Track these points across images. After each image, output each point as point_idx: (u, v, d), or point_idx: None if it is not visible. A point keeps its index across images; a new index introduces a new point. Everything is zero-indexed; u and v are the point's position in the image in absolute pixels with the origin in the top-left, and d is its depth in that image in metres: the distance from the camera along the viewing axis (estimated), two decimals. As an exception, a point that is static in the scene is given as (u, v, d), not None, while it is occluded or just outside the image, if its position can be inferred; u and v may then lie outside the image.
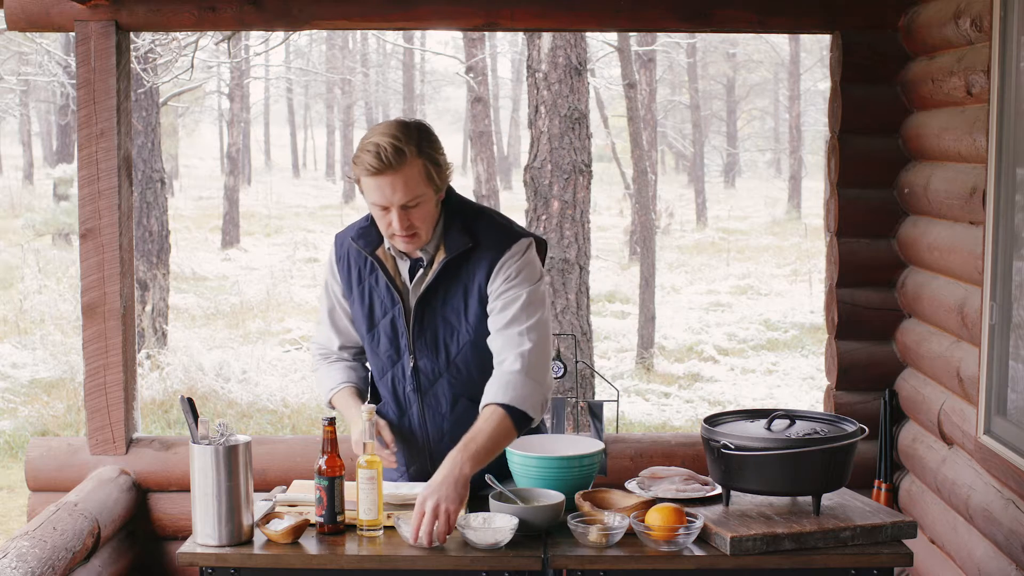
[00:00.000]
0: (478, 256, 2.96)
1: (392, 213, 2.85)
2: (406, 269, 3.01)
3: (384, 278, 3.01)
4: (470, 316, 2.97)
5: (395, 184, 2.82)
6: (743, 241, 22.61)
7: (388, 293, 3.02)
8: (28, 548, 3.16)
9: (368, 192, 2.87)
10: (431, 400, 3.06)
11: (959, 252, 3.62)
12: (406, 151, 2.81)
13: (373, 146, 2.81)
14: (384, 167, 2.80)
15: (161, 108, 11.94)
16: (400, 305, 3.00)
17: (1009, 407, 3.33)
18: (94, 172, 3.97)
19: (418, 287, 2.99)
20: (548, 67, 8.04)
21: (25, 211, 22.21)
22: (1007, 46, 3.25)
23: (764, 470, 2.80)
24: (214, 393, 9.82)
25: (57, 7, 3.96)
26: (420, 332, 3.00)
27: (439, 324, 2.99)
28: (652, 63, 19.32)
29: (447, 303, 2.98)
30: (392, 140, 2.81)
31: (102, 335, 3.99)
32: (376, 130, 2.87)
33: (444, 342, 3.00)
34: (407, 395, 3.07)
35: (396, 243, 2.94)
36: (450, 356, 3.01)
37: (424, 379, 3.04)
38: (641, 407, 10.00)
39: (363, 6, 4.09)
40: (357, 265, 3.07)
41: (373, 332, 3.07)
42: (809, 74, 31.25)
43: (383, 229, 2.92)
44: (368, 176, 2.83)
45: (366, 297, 3.05)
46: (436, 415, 3.07)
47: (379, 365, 3.11)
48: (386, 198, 2.84)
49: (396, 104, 36.58)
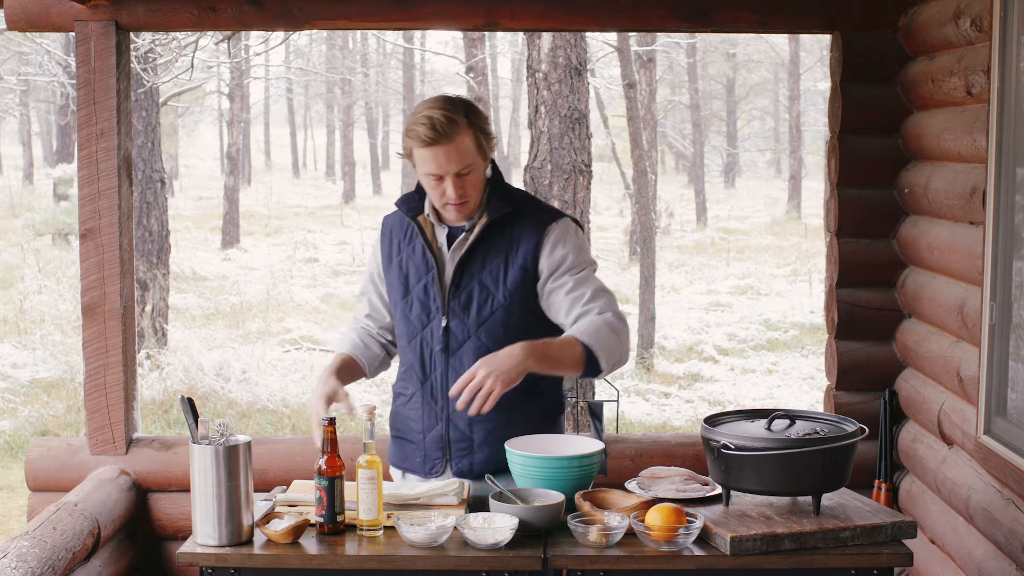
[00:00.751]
0: (521, 226, 3.08)
1: (447, 182, 2.97)
2: (443, 235, 3.12)
3: (421, 245, 3.12)
4: (508, 282, 3.06)
5: (449, 153, 2.94)
6: (743, 241, 22.61)
7: (423, 258, 3.12)
8: (28, 548, 3.16)
9: (422, 163, 2.98)
10: (456, 363, 3.10)
11: (959, 252, 3.62)
12: (458, 121, 2.94)
13: (426, 119, 2.93)
14: (439, 137, 2.92)
15: (161, 108, 11.94)
16: (435, 269, 3.10)
17: (1009, 407, 3.33)
18: (94, 172, 3.97)
19: (458, 250, 3.09)
20: (548, 67, 8.04)
21: (25, 211, 22.23)
22: (1007, 46, 3.26)
23: (764, 470, 2.80)
24: (214, 393, 9.82)
25: (57, 7, 3.96)
26: (455, 293, 3.09)
27: (475, 287, 3.07)
28: (652, 63, 19.33)
29: (485, 267, 3.07)
30: (443, 112, 2.94)
31: (102, 335, 3.99)
32: (425, 104, 3.00)
33: (478, 304, 3.07)
34: (434, 356, 3.12)
35: (448, 212, 3.06)
36: (482, 318, 3.08)
37: (453, 340, 3.10)
38: (641, 407, 10.00)
39: (363, 6, 4.09)
40: (396, 238, 3.20)
41: (407, 298, 3.15)
42: (809, 74, 31.26)
43: (436, 199, 3.04)
44: (423, 147, 2.94)
45: (403, 265, 3.16)
46: (458, 377, 3.06)
47: (409, 330, 3.16)
48: (441, 167, 2.95)
49: (396, 104, 36.60)
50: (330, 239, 22.34)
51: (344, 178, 32.73)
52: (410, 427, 3.19)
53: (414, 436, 3.18)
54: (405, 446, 3.21)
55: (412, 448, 3.19)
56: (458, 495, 2.98)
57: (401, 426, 3.23)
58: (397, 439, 3.25)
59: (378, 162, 37.26)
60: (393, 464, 3.28)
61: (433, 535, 2.72)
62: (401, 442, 3.23)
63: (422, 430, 3.16)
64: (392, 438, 3.28)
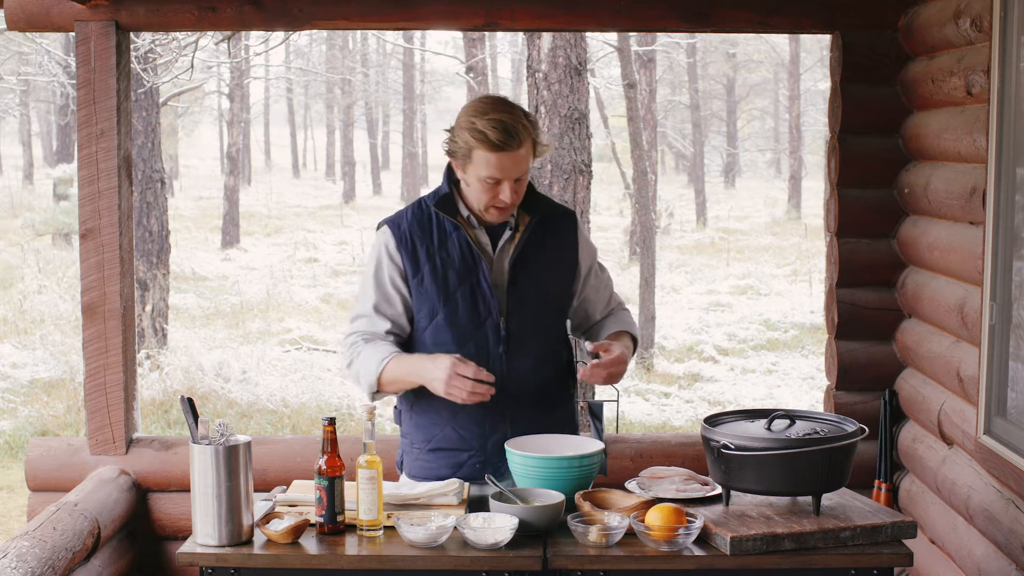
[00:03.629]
0: (555, 223, 3.19)
1: (503, 185, 3.00)
2: (485, 236, 3.13)
3: (457, 247, 3.09)
4: (562, 278, 3.15)
5: (516, 160, 2.98)
6: (743, 241, 22.60)
7: (465, 260, 3.08)
8: (28, 548, 3.16)
9: (482, 166, 2.97)
10: (517, 362, 3.09)
11: (959, 252, 3.62)
12: (526, 129, 2.99)
13: (498, 123, 2.94)
14: (511, 142, 2.95)
15: (161, 108, 11.94)
16: (483, 268, 3.07)
17: (1009, 407, 3.33)
18: (94, 172, 3.97)
19: (507, 249, 3.11)
20: (548, 67, 8.03)
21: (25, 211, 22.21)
22: (1007, 46, 3.25)
23: (764, 470, 2.80)
24: (214, 393, 9.82)
25: (57, 7, 3.96)
26: (513, 292, 3.09)
27: (529, 284, 3.11)
28: (652, 63, 19.32)
29: (536, 265, 3.13)
30: (513, 118, 2.98)
31: (102, 335, 3.99)
32: (487, 106, 3.00)
33: (537, 301, 3.12)
34: (492, 358, 3.07)
35: (490, 213, 3.07)
36: (541, 315, 3.13)
37: (514, 340, 3.09)
38: (641, 407, 10.00)
39: (363, 6, 4.09)
40: (423, 243, 3.11)
41: (450, 302, 3.08)
42: (809, 74, 31.25)
43: (483, 201, 3.04)
44: (490, 151, 2.95)
45: (438, 270, 3.08)
46: (520, 378, 3.09)
47: (458, 334, 3.08)
48: (504, 172, 2.98)
49: (396, 104, 36.57)
50: (330, 239, 22.34)
51: (344, 178, 32.72)
52: (462, 436, 3.09)
53: (471, 444, 3.10)
54: (456, 456, 3.11)
55: (467, 456, 3.10)
56: (458, 495, 2.98)
57: (446, 438, 3.11)
58: (435, 451, 3.13)
59: (378, 162, 37.26)
60: (427, 479, 3.12)
61: (433, 535, 2.72)
62: (447, 454, 3.11)
63: (483, 435, 3.09)
64: (422, 451, 3.15)
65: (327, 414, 2.96)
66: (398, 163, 39.21)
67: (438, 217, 3.10)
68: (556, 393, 3.19)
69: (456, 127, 3.02)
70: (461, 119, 3.01)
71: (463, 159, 3.01)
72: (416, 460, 3.17)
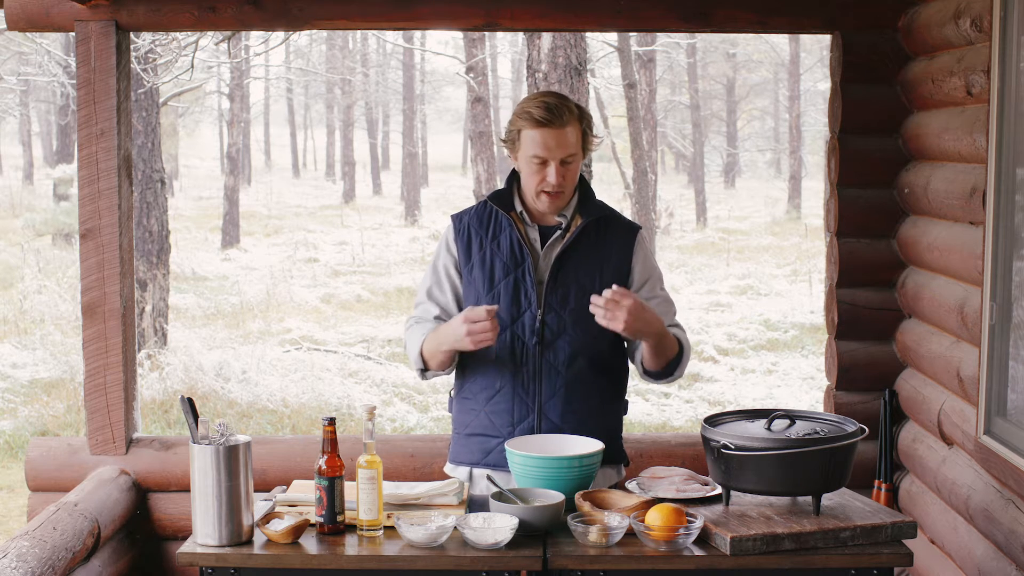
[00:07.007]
0: (612, 231, 3.24)
1: (550, 167, 3.09)
2: (535, 232, 3.22)
3: (508, 241, 3.20)
4: (605, 281, 3.14)
5: (559, 138, 3.07)
6: (743, 241, 22.59)
7: (513, 253, 3.18)
8: (28, 548, 3.16)
9: (529, 145, 3.09)
10: (550, 355, 3.16)
11: (959, 252, 3.62)
12: (571, 109, 3.11)
13: (541, 102, 3.09)
14: (553, 119, 3.06)
15: (161, 108, 11.93)
16: (529, 262, 3.17)
17: (1009, 407, 3.33)
18: (94, 172, 3.97)
19: (554, 247, 3.19)
20: (548, 67, 8.04)
21: (25, 211, 22.24)
22: (1007, 46, 3.26)
23: (764, 470, 2.80)
24: (214, 393, 9.82)
25: (57, 7, 3.96)
26: (553, 287, 3.16)
27: (571, 282, 3.17)
28: (652, 63, 19.32)
29: (581, 266, 3.18)
30: (558, 99, 3.11)
31: (102, 335, 3.99)
32: (538, 93, 3.19)
33: (575, 299, 3.15)
34: (527, 349, 3.16)
35: (541, 201, 3.15)
36: (577, 313, 3.14)
37: (548, 333, 3.16)
38: (641, 407, 9.99)
39: (363, 6, 4.09)
40: (479, 235, 3.25)
41: (493, 292, 3.19)
42: (809, 74, 31.25)
43: (534, 185, 3.13)
44: (534, 128, 3.08)
45: (487, 260, 3.21)
46: (553, 371, 3.16)
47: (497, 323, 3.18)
48: (548, 150, 3.08)
49: (396, 104, 36.57)
50: (330, 239, 22.33)
51: (344, 178, 32.71)
52: (494, 422, 3.19)
53: (500, 431, 3.18)
54: (487, 442, 3.20)
55: (496, 443, 3.18)
56: (458, 495, 2.98)
57: (480, 424, 3.21)
58: (471, 436, 3.23)
59: (378, 162, 37.24)
60: (463, 463, 3.25)
61: (433, 535, 2.72)
62: (480, 439, 3.21)
63: (512, 423, 3.17)
64: (462, 436, 3.26)
65: (327, 414, 2.97)
66: (398, 163, 39.19)
67: (496, 213, 3.24)
68: (593, 394, 3.20)
69: (511, 117, 3.18)
70: (515, 108, 3.17)
71: (512, 143, 3.15)
72: (456, 444, 3.30)
